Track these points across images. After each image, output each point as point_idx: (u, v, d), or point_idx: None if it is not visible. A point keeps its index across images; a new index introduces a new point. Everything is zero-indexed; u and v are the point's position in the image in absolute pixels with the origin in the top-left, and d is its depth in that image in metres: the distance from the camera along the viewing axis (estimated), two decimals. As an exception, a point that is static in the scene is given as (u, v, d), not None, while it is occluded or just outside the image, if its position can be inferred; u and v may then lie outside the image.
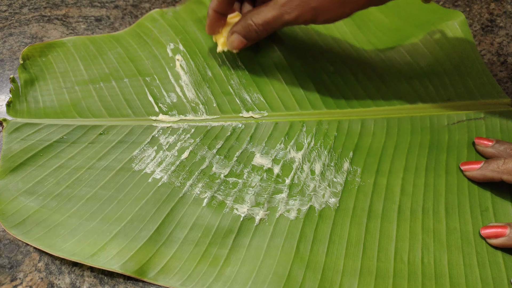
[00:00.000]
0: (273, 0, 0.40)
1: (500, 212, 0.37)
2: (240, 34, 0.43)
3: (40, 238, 0.36)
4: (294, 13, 0.39)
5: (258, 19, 0.41)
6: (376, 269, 0.34)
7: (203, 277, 0.34)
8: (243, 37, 0.43)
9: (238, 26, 0.43)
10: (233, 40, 0.43)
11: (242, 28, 0.42)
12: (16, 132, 0.42)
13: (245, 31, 0.42)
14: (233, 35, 0.43)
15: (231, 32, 0.44)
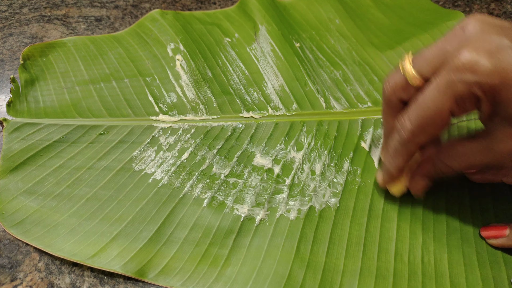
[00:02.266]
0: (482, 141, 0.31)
1: (501, 212, 0.37)
2: (428, 177, 0.35)
3: (40, 237, 0.36)
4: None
5: (457, 164, 0.33)
6: (376, 269, 0.34)
7: (203, 278, 0.34)
8: (430, 179, 0.35)
9: (426, 169, 0.35)
10: (417, 184, 0.36)
11: (431, 172, 0.34)
12: (16, 132, 0.42)
13: (436, 174, 0.35)
14: (417, 178, 0.35)
15: (414, 175, 0.35)
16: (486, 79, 0.27)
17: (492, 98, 0.28)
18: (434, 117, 0.29)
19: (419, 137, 0.31)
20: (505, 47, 0.27)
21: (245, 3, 0.53)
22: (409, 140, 0.32)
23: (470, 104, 0.29)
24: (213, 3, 0.57)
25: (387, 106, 0.34)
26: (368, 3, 0.54)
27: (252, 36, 0.50)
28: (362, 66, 0.48)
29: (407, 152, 0.33)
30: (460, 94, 0.28)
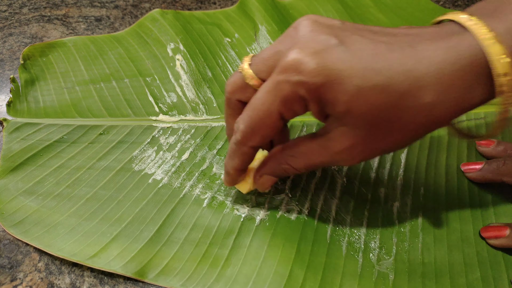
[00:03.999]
0: (320, 141, 0.31)
1: (501, 212, 0.37)
2: (272, 175, 0.35)
3: (39, 237, 0.36)
4: (354, 161, 0.30)
5: (298, 164, 0.32)
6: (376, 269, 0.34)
7: (203, 278, 0.34)
8: (276, 177, 0.35)
9: (270, 168, 0.34)
10: (264, 182, 0.35)
11: (276, 171, 0.34)
12: (16, 132, 0.42)
13: (280, 173, 0.34)
14: (263, 177, 0.35)
15: (259, 174, 0.35)
16: (310, 78, 0.26)
17: (318, 98, 0.27)
18: (263, 118, 0.29)
19: (251, 139, 0.31)
20: (331, 46, 0.26)
21: (245, 3, 0.53)
22: (242, 142, 0.31)
23: (298, 105, 0.29)
24: (213, 3, 0.57)
25: (227, 106, 0.34)
26: (368, 3, 0.54)
27: (252, 36, 0.50)
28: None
29: (242, 153, 0.32)
30: (286, 95, 0.28)
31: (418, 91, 0.26)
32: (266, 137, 0.31)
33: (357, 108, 0.27)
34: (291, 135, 0.42)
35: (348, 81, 0.26)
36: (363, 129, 0.28)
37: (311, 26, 0.28)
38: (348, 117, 0.28)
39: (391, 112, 0.27)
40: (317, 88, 0.27)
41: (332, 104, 0.27)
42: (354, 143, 0.29)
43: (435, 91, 0.26)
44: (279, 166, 0.34)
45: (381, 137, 0.29)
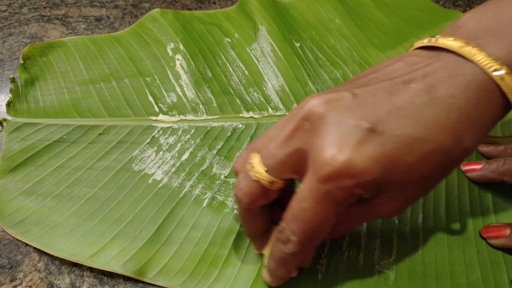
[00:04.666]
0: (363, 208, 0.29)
1: (501, 212, 0.37)
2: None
3: (39, 237, 0.36)
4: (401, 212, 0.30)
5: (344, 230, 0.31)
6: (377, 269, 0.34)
7: (203, 278, 0.34)
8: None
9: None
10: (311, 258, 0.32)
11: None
12: (16, 132, 0.42)
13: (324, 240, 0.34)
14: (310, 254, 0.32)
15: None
16: (364, 178, 0.24)
17: (374, 188, 0.26)
18: (321, 227, 0.27)
19: (309, 246, 0.28)
20: (364, 133, 0.24)
21: (245, 3, 0.53)
22: (300, 252, 0.28)
23: (354, 199, 0.26)
24: (213, 3, 0.57)
25: (248, 214, 0.30)
26: (368, 3, 0.54)
27: (252, 36, 0.50)
28: (362, 66, 0.48)
29: (299, 259, 0.30)
30: (342, 199, 0.25)
31: (459, 141, 0.26)
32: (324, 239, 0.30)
33: (412, 180, 0.26)
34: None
35: (400, 163, 0.25)
36: (413, 189, 0.28)
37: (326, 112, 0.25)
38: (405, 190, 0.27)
39: (442, 168, 0.27)
40: (373, 182, 0.25)
41: (386, 187, 0.26)
42: (401, 204, 0.28)
43: (471, 136, 0.26)
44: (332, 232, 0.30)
45: (427, 188, 0.29)
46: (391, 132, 0.25)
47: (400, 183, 0.26)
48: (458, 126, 0.25)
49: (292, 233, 0.27)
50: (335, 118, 0.25)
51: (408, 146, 0.25)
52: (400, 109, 0.25)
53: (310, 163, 0.26)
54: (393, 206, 0.28)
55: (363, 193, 0.26)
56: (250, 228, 0.32)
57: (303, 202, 0.26)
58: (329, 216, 0.26)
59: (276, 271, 0.31)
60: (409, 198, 0.28)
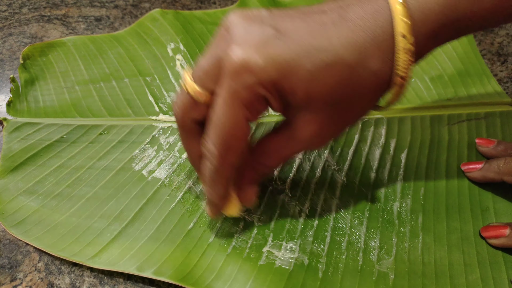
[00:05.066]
0: (287, 133, 0.30)
1: (501, 212, 0.37)
2: (253, 183, 0.33)
3: (40, 237, 0.36)
4: (324, 142, 0.31)
5: (273, 161, 0.32)
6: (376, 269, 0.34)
7: (203, 275, 0.34)
8: (256, 183, 0.34)
9: (248, 177, 0.33)
10: (249, 195, 0.34)
11: (255, 177, 0.33)
12: (16, 132, 0.42)
13: (259, 178, 0.33)
14: (245, 190, 0.33)
15: (240, 188, 0.33)
16: (264, 76, 0.26)
17: (277, 92, 0.27)
18: (234, 132, 0.28)
19: (229, 158, 0.29)
20: (269, 37, 0.26)
21: (245, 3, 0.53)
22: (220, 165, 0.29)
23: (260, 104, 0.28)
24: (213, 3, 0.57)
25: (183, 130, 0.32)
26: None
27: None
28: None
29: (224, 177, 0.30)
30: (248, 99, 0.27)
31: (365, 60, 0.27)
32: (243, 150, 0.30)
33: (316, 91, 0.27)
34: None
35: (300, 68, 0.26)
36: (326, 110, 0.28)
37: (241, 21, 0.27)
38: (310, 103, 0.28)
39: (347, 87, 0.27)
40: (274, 83, 0.26)
41: (292, 94, 0.27)
42: (320, 126, 0.29)
43: (378, 57, 0.27)
44: (255, 170, 0.33)
45: (344, 113, 0.29)
46: (294, 40, 0.26)
47: (305, 92, 0.27)
48: (363, 45, 0.26)
49: (212, 143, 0.29)
50: (246, 25, 0.27)
51: (308, 54, 0.26)
52: (309, 25, 0.27)
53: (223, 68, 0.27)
54: (312, 128, 0.29)
55: (267, 95, 0.27)
56: (189, 150, 0.33)
57: (216, 109, 0.28)
58: (239, 119, 0.27)
59: (209, 196, 0.32)
60: (326, 121, 0.29)
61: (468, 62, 0.48)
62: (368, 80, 0.27)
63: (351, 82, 0.27)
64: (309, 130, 0.29)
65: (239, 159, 0.30)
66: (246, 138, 0.29)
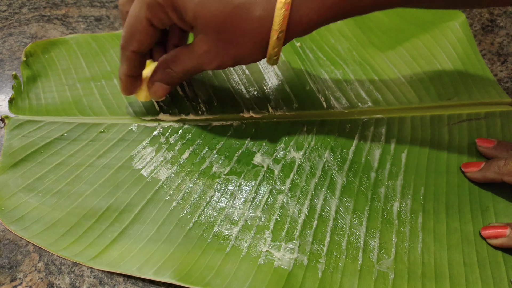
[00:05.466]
0: (189, 47, 0.36)
1: (501, 212, 0.37)
2: (162, 82, 0.40)
3: (39, 235, 0.36)
4: (214, 63, 0.36)
5: (177, 68, 0.38)
6: (376, 269, 0.34)
7: (202, 273, 0.34)
8: (166, 84, 0.40)
9: (158, 75, 0.39)
10: (156, 90, 0.40)
11: (163, 76, 0.39)
12: (17, 129, 0.42)
13: (167, 79, 0.39)
14: (154, 84, 0.40)
15: (151, 82, 0.40)
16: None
17: (172, 5, 0.33)
18: (136, 24, 0.35)
19: (130, 43, 0.36)
20: None
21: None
22: (124, 47, 0.37)
23: (161, 13, 0.34)
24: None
25: (121, 17, 0.39)
26: (369, 4, 0.54)
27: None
28: (362, 65, 0.48)
29: (127, 58, 0.37)
30: (149, 3, 0.33)
31: (249, 5, 0.31)
32: (143, 42, 0.36)
33: (202, 15, 0.32)
34: (292, 134, 0.42)
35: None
36: (212, 35, 0.34)
37: None
38: (198, 24, 0.33)
39: (230, 21, 0.32)
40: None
41: (184, 12, 0.33)
42: (209, 48, 0.35)
43: (264, 6, 0.31)
44: (164, 71, 0.39)
45: (229, 45, 0.34)
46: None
47: (193, 13, 0.32)
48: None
49: (123, 29, 0.36)
50: None
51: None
52: None
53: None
54: (203, 47, 0.35)
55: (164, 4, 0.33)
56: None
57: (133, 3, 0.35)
58: (141, 15, 0.34)
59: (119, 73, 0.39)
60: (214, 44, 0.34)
61: (468, 62, 0.48)
62: (251, 23, 0.32)
63: (233, 18, 0.32)
64: (201, 48, 0.35)
65: (139, 49, 0.36)
66: (146, 33, 0.35)
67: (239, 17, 0.32)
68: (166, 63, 0.38)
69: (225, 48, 0.34)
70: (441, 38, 0.50)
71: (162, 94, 0.40)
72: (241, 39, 0.33)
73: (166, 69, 0.39)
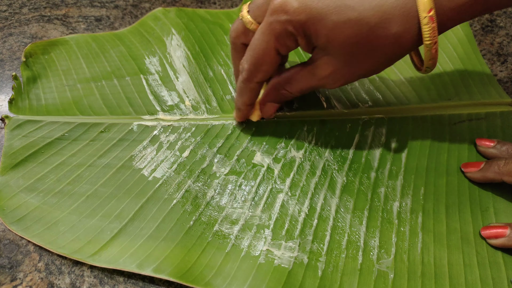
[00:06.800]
0: (309, 69, 0.36)
1: (501, 212, 0.37)
2: (274, 102, 0.41)
3: (40, 234, 0.36)
4: (338, 83, 0.36)
5: (293, 89, 0.38)
6: (376, 269, 0.34)
7: (202, 272, 0.34)
8: (277, 103, 0.41)
9: (271, 96, 0.40)
10: (268, 109, 0.41)
11: (277, 98, 0.40)
12: (18, 129, 0.42)
13: (280, 99, 0.40)
14: (267, 105, 0.41)
15: (262, 102, 0.41)
16: (295, 17, 0.32)
17: (303, 32, 0.33)
18: (263, 56, 0.35)
19: (256, 75, 0.36)
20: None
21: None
22: (248, 79, 0.37)
23: (289, 41, 0.34)
24: (213, 3, 0.57)
25: (233, 50, 0.40)
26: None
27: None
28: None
29: (250, 90, 0.38)
30: (279, 33, 0.33)
31: (385, 23, 0.31)
32: (268, 72, 0.36)
33: (336, 39, 0.32)
34: (292, 133, 0.42)
35: (326, 17, 0.31)
36: (342, 57, 0.34)
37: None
38: (329, 47, 0.33)
39: (364, 42, 0.32)
40: (302, 24, 0.32)
41: (315, 37, 0.33)
42: (335, 69, 0.34)
43: (400, 23, 0.31)
44: (278, 92, 0.39)
45: (358, 63, 0.34)
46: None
47: (326, 38, 0.32)
48: (389, 10, 0.31)
49: (246, 61, 0.36)
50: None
51: (337, 8, 0.31)
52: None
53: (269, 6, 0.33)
54: (329, 69, 0.35)
55: (295, 33, 0.33)
56: (234, 65, 0.41)
57: (255, 35, 0.35)
58: (270, 46, 0.34)
59: (237, 102, 0.40)
60: (342, 65, 0.34)
61: (468, 62, 0.48)
62: (387, 40, 0.32)
63: (368, 39, 0.32)
64: (326, 70, 0.35)
65: (264, 78, 0.37)
66: (272, 63, 0.36)
67: (375, 36, 0.32)
68: (281, 84, 0.38)
69: (354, 67, 0.34)
70: (442, 38, 0.50)
71: (273, 113, 0.42)
72: (372, 56, 0.33)
73: (280, 90, 0.39)
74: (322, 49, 0.34)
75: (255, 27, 0.36)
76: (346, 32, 0.32)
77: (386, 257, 0.35)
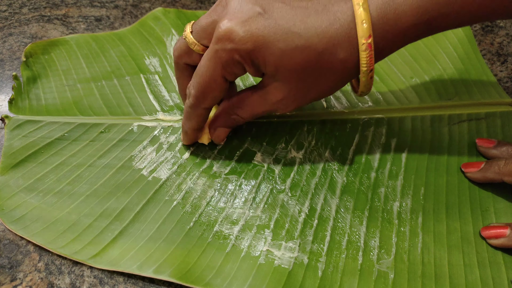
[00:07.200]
0: (260, 94, 0.36)
1: (501, 212, 0.37)
2: (225, 127, 0.40)
3: (39, 233, 0.36)
4: (290, 107, 0.36)
5: (244, 114, 0.37)
6: (376, 269, 0.34)
7: (202, 273, 0.34)
8: (228, 128, 0.40)
9: (222, 121, 0.39)
10: (219, 134, 0.40)
11: (228, 122, 0.39)
12: (17, 129, 0.42)
13: (231, 123, 0.39)
14: (217, 129, 0.40)
15: (213, 127, 0.40)
16: (241, 46, 0.31)
17: (251, 61, 0.32)
18: (210, 83, 0.34)
19: (203, 102, 0.35)
20: (256, 14, 0.31)
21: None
22: (195, 105, 0.36)
23: (236, 68, 0.33)
24: (213, 3, 0.57)
25: (177, 69, 0.39)
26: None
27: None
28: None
29: (197, 115, 0.37)
30: (225, 61, 0.32)
31: (333, 49, 0.31)
32: (216, 98, 0.35)
33: (284, 66, 0.32)
34: (292, 134, 0.42)
35: (273, 45, 0.31)
36: (292, 83, 0.33)
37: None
38: (279, 74, 0.33)
39: (313, 68, 0.32)
40: (248, 53, 0.32)
41: (263, 65, 0.33)
42: (286, 95, 0.34)
43: (346, 48, 0.31)
44: (229, 117, 0.38)
45: (309, 88, 0.34)
46: (275, 20, 0.31)
47: (275, 66, 0.32)
48: (335, 36, 0.31)
49: (193, 87, 0.35)
50: (241, 3, 0.32)
51: (284, 35, 0.31)
52: (295, 11, 0.31)
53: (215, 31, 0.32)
54: (280, 94, 0.34)
55: (242, 61, 0.32)
56: (179, 85, 0.40)
57: (201, 61, 0.34)
58: (216, 74, 0.33)
59: (184, 126, 0.39)
60: (293, 91, 0.34)
61: (468, 62, 0.48)
62: (335, 65, 0.32)
63: (318, 65, 0.32)
64: (277, 95, 0.35)
65: (212, 104, 0.36)
66: (221, 89, 0.35)
67: (324, 61, 0.32)
68: (231, 108, 0.38)
69: (305, 92, 0.35)
70: (442, 38, 0.50)
71: (225, 137, 0.41)
72: (323, 80, 0.34)
73: (231, 115, 0.38)
74: (271, 76, 0.33)
75: (198, 49, 0.35)
76: (294, 59, 0.32)
77: (386, 257, 0.35)
